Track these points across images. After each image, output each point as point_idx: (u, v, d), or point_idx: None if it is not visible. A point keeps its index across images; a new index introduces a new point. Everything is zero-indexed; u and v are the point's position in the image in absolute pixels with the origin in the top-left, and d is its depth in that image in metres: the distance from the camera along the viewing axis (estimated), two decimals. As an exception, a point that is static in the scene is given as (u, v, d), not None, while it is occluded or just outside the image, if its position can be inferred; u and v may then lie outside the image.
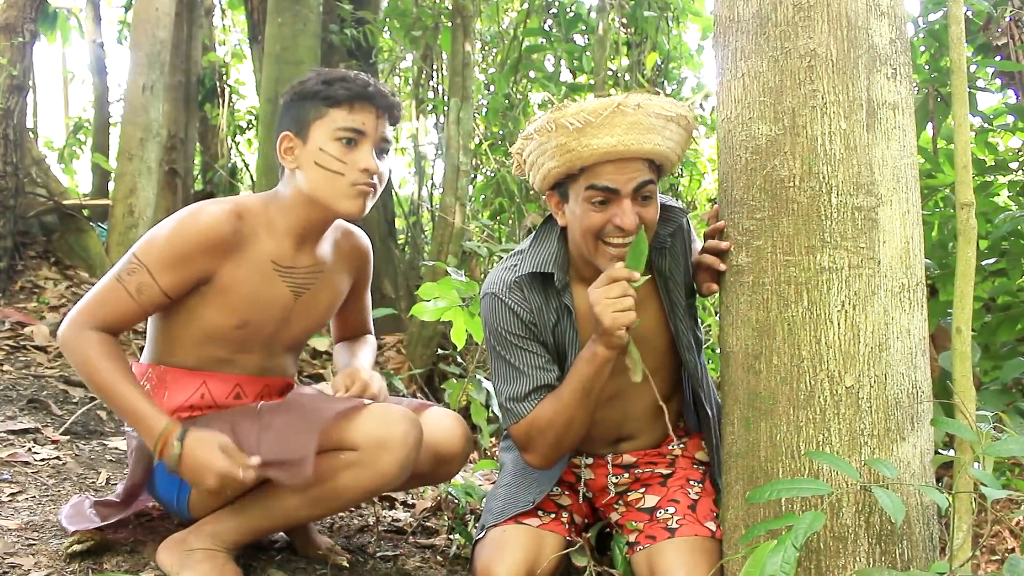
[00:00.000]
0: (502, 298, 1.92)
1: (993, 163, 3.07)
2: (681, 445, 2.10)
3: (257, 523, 1.81)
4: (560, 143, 1.73)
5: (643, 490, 2.04)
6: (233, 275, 1.80)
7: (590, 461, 2.09)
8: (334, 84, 1.80)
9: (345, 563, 2.06)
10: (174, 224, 1.76)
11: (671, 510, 1.96)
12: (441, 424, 1.98)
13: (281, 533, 2.16)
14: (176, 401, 1.87)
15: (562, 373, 1.92)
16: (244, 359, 1.91)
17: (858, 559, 1.55)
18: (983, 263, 2.83)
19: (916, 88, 2.93)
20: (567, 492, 2.07)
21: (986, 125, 3.22)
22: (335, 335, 2.27)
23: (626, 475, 2.07)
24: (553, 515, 2.01)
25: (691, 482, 2.02)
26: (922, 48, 3.20)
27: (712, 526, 1.91)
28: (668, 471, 2.06)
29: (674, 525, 1.92)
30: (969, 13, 3.03)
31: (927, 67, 3.11)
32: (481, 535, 1.99)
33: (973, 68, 3.11)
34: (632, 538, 1.98)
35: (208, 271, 1.78)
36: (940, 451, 1.76)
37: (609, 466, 2.07)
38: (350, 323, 2.23)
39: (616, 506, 2.07)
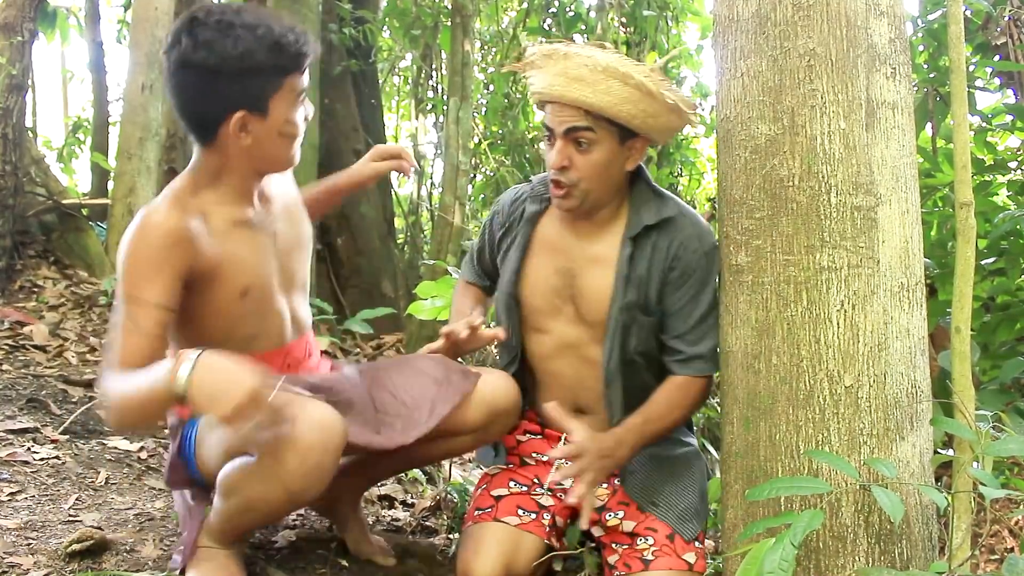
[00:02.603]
0: (502, 197, 2.20)
1: (992, 162, 3.07)
2: None
3: (236, 519, 1.75)
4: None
5: (621, 514, 2.01)
6: (209, 258, 1.72)
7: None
8: (285, 50, 1.67)
9: (392, 562, 2.08)
10: (129, 244, 1.67)
11: (649, 540, 1.94)
12: (493, 381, 1.99)
13: (284, 534, 2.16)
14: None
15: (504, 266, 2.10)
16: (268, 326, 1.87)
17: (857, 558, 1.55)
18: (982, 262, 2.82)
19: (915, 87, 2.93)
20: (548, 493, 2.08)
21: (985, 124, 3.22)
22: None
23: (605, 486, 2.05)
24: (534, 515, 2.01)
25: None
26: (921, 47, 3.20)
27: (691, 557, 1.90)
28: None
29: (650, 556, 1.91)
30: (968, 12, 3.03)
31: (926, 66, 3.11)
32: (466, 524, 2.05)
33: (972, 67, 3.11)
34: (612, 560, 1.97)
35: (185, 266, 1.68)
36: (939, 451, 1.77)
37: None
38: None
39: (597, 523, 2.04)
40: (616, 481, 2.05)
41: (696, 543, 1.93)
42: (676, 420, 1.99)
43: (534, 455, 2.14)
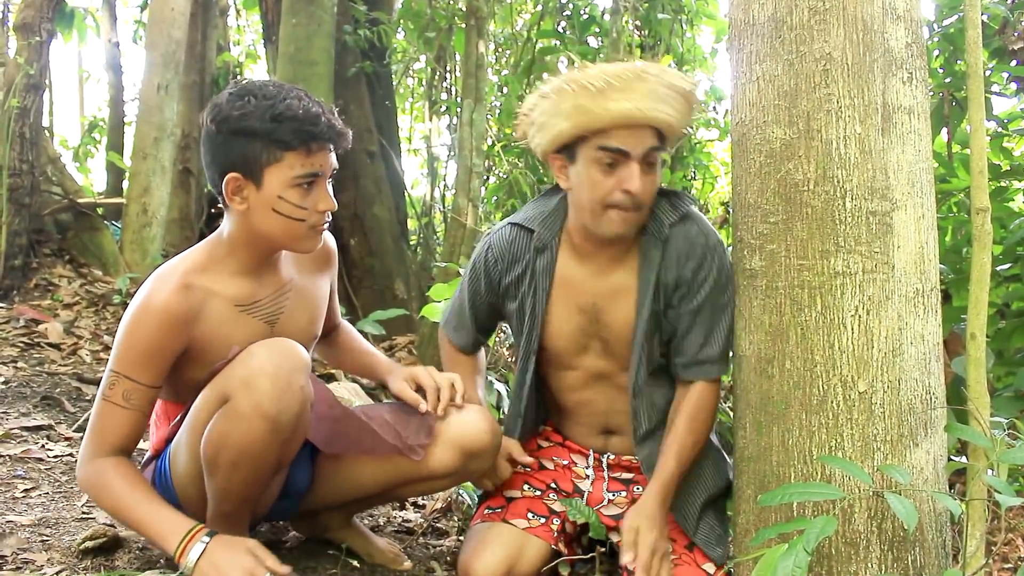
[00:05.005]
0: (491, 240, 2.06)
1: (1008, 168, 3.05)
2: None
3: (229, 485, 1.74)
4: (577, 104, 1.75)
5: None
6: (204, 336, 1.77)
7: (592, 474, 2.09)
8: (285, 124, 1.67)
9: (409, 565, 2.08)
10: (130, 324, 1.72)
11: (668, 547, 1.91)
12: (464, 419, 1.94)
13: (294, 534, 2.17)
14: (172, 415, 1.88)
15: (521, 328, 2.02)
16: None
17: (870, 565, 1.55)
18: (997, 268, 2.81)
19: (931, 92, 2.92)
20: (563, 497, 2.08)
21: (1001, 130, 3.20)
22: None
23: (624, 494, 2.06)
24: (543, 519, 2.00)
25: None
26: (936, 52, 3.18)
27: (710, 568, 1.89)
28: None
29: None
30: (984, 17, 3.01)
31: (941, 71, 3.10)
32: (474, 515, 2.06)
33: (988, 72, 3.10)
34: (632, 566, 1.96)
35: (180, 346, 1.76)
36: (953, 457, 1.76)
37: (605, 471, 2.09)
38: (327, 322, 2.16)
39: (615, 530, 2.02)
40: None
41: None
42: (702, 438, 1.95)
43: (554, 459, 2.14)
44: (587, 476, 2.10)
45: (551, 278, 1.97)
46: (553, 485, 2.09)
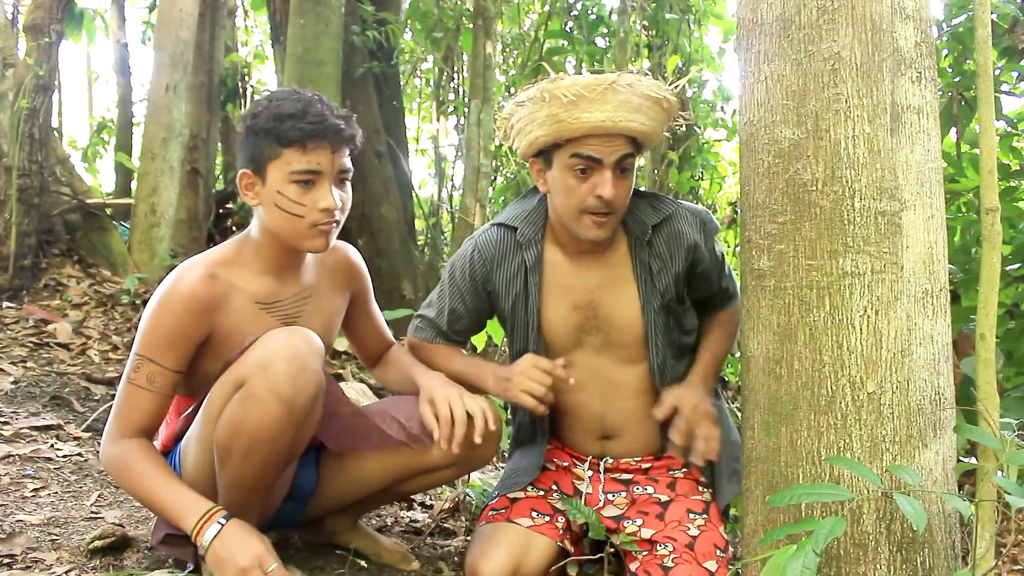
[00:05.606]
0: (477, 241, 2.10)
1: (1017, 168, 3.04)
2: (683, 471, 2.08)
3: (242, 473, 1.75)
4: (551, 113, 1.83)
5: (640, 521, 2.00)
6: (224, 327, 1.81)
7: (590, 473, 2.09)
8: (285, 122, 1.74)
9: (416, 566, 2.10)
10: (156, 309, 1.77)
11: (669, 547, 1.92)
12: (468, 406, 1.96)
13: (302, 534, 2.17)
14: (184, 411, 1.89)
15: (515, 321, 2.05)
16: None
17: (879, 566, 1.54)
18: (1007, 268, 2.80)
19: (940, 92, 2.90)
20: (566, 496, 2.08)
21: (1010, 129, 3.18)
22: (365, 359, 2.27)
23: (623, 495, 2.06)
24: (548, 517, 2.01)
25: (691, 515, 1.99)
26: (945, 52, 3.17)
27: (712, 565, 1.88)
28: (667, 497, 2.03)
29: (670, 564, 1.89)
30: (994, 16, 3.00)
31: (950, 70, 3.08)
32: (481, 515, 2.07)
33: (998, 72, 3.08)
34: (633, 567, 1.95)
35: (203, 334, 1.79)
36: (962, 458, 1.75)
37: (601, 475, 2.09)
38: (369, 340, 2.23)
39: (616, 531, 2.03)
40: (637, 491, 2.07)
41: (718, 551, 1.92)
42: (731, 343, 2.14)
43: (554, 460, 2.14)
44: (585, 478, 2.10)
45: (541, 275, 2.02)
46: (555, 486, 2.09)
